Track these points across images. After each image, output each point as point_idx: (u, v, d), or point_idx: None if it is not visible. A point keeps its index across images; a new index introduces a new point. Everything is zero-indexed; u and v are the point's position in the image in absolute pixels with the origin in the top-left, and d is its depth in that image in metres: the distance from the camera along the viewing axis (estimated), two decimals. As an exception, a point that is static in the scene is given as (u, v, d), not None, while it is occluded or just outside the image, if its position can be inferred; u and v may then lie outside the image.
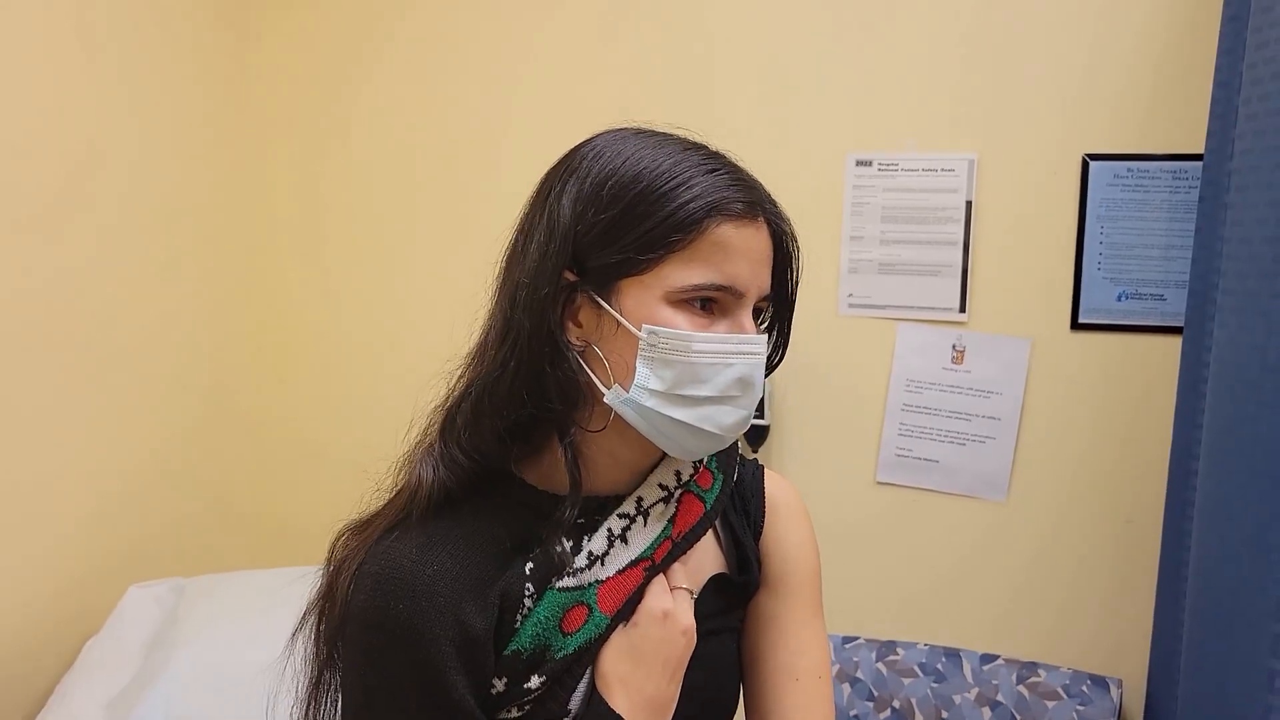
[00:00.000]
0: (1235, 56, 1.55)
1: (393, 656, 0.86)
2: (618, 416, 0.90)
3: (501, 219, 0.96)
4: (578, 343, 0.91)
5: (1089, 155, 1.83)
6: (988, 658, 1.90)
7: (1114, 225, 1.83)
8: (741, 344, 0.89)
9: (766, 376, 0.95)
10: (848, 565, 2.03)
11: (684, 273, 0.86)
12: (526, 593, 0.91)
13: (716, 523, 1.03)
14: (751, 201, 0.90)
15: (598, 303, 0.89)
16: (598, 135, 0.94)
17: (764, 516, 1.07)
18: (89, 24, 1.88)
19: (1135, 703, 1.86)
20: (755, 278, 0.90)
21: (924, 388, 1.95)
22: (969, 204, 1.90)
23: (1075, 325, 1.87)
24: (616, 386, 0.89)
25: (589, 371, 0.91)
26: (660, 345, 0.87)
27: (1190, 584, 1.55)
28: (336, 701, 0.96)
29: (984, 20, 1.87)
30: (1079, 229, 1.85)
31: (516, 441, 0.94)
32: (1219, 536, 1.45)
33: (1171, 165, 1.79)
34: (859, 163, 1.95)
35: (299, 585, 1.01)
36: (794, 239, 0.98)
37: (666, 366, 0.87)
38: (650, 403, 0.88)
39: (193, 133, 2.14)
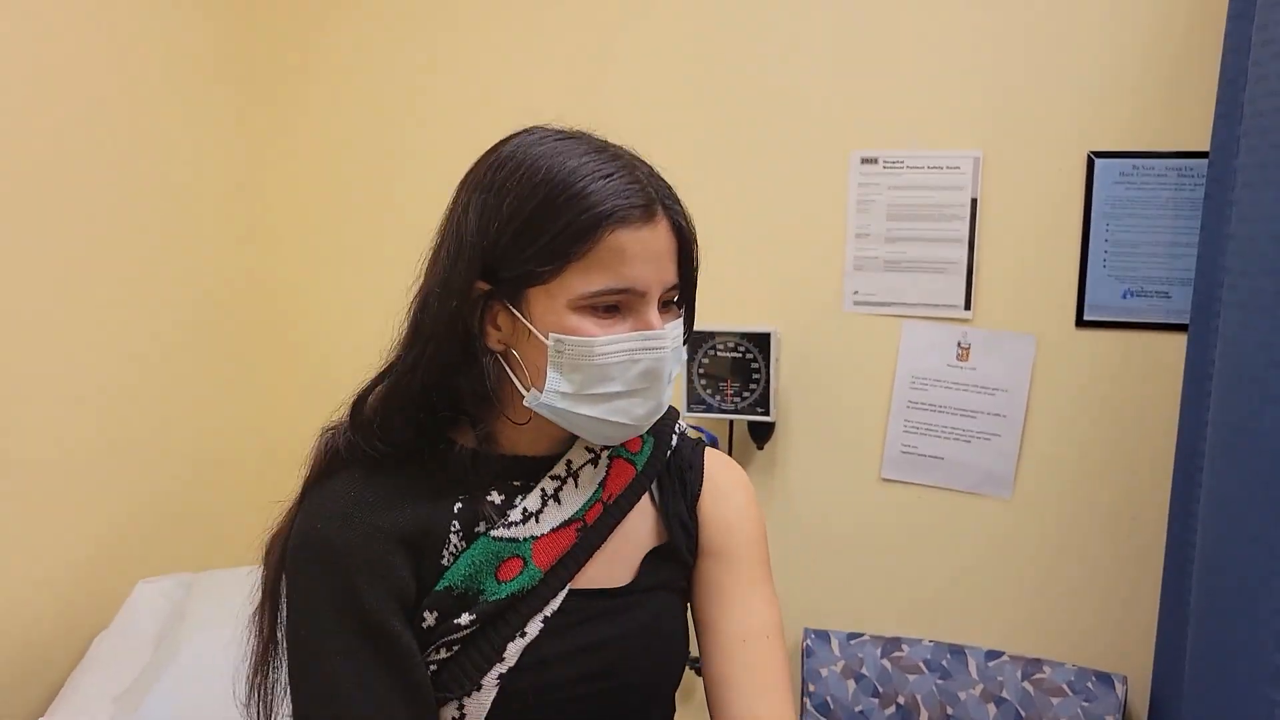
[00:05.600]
0: (1240, 54, 1.55)
1: (311, 572, 0.93)
2: None
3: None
4: (498, 346, 0.97)
5: (1094, 153, 1.83)
6: (993, 654, 1.90)
7: (1119, 223, 1.83)
8: (646, 340, 0.94)
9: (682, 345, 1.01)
10: (852, 562, 2.03)
11: (584, 280, 0.90)
12: (453, 529, 0.97)
13: (655, 493, 1.08)
14: (647, 204, 0.92)
15: (511, 310, 0.94)
16: (504, 143, 0.97)
17: (701, 486, 1.10)
18: (94, 31, 1.89)
19: (1140, 699, 1.86)
20: (657, 275, 0.94)
21: (929, 385, 1.96)
22: (974, 201, 1.90)
23: (1080, 322, 1.87)
24: (534, 389, 0.95)
25: (510, 374, 0.97)
26: (567, 352, 0.92)
27: (1195, 580, 1.55)
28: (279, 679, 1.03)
29: (988, 17, 1.87)
30: (1084, 226, 1.85)
31: (439, 425, 1.00)
32: (1224, 533, 1.45)
33: (1176, 163, 1.79)
34: (864, 160, 1.95)
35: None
36: (692, 231, 1.00)
37: (575, 370, 0.93)
38: (562, 404, 0.94)
39: (204, 138, 2.15)
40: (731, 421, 2.04)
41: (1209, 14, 1.73)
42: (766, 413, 1.97)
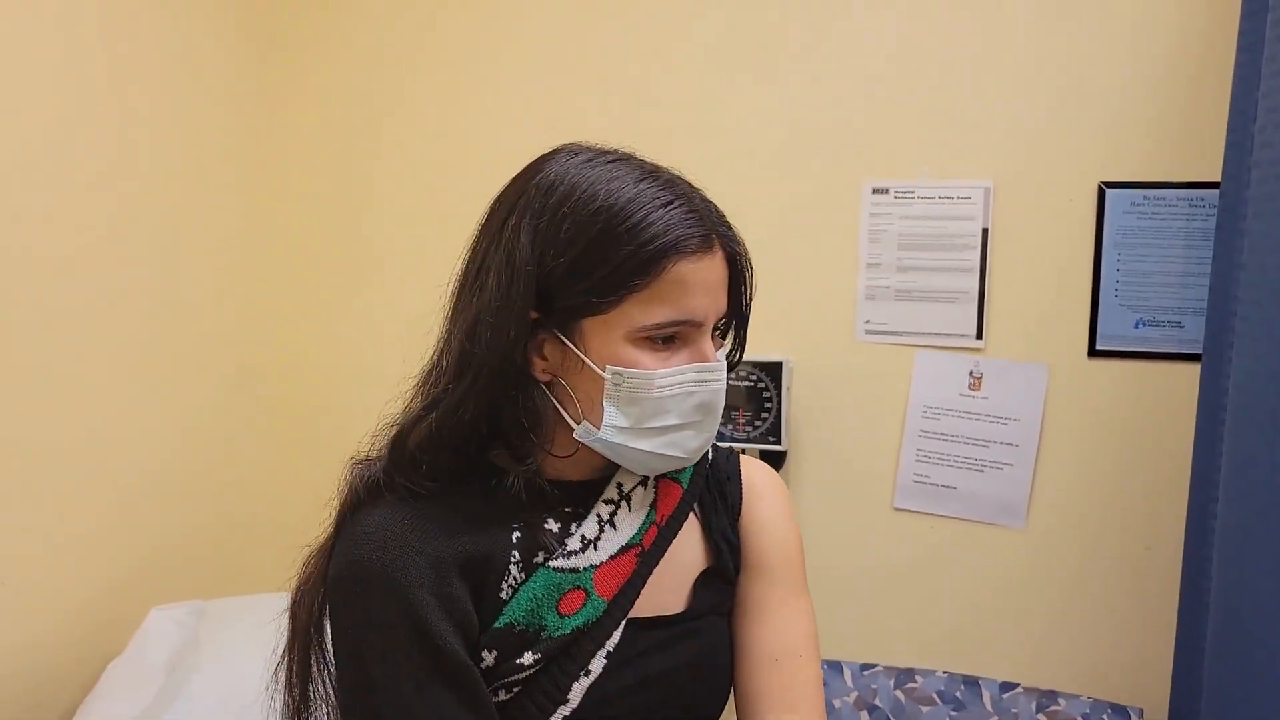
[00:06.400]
0: (1250, 85, 1.56)
1: (373, 606, 0.87)
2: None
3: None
4: (544, 376, 0.93)
5: (1105, 183, 1.84)
6: (1007, 686, 1.89)
7: (1131, 252, 1.84)
8: (702, 372, 0.92)
9: (729, 372, 0.98)
10: (865, 592, 2.02)
11: (644, 312, 0.88)
12: (512, 560, 0.92)
13: (698, 510, 1.05)
14: (705, 234, 0.90)
15: (562, 340, 0.91)
16: (547, 162, 0.93)
17: (742, 499, 1.08)
18: (113, 39, 1.92)
19: (1157, 732, 1.85)
20: (714, 305, 0.92)
21: (941, 414, 1.95)
22: (985, 231, 1.91)
23: (1092, 352, 1.87)
24: (586, 422, 0.92)
25: (557, 405, 0.94)
26: (625, 385, 0.89)
27: (1212, 612, 1.54)
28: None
29: (999, 48, 1.89)
30: (1096, 256, 1.85)
31: (483, 453, 0.96)
32: (1239, 564, 1.44)
33: (1188, 193, 1.80)
34: (875, 190, 1.96)
35: (282, 615, 1.02)
36: (747, 259, 0.99)
37: (632, 404, 0.90)
38: (618, 439, 0.91)
39: (214, 143, 2.18)
40: (743, 450, 2.03)
41: (1219, 45, 1.74)
42: (778, 442, 1.97)
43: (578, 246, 0.87)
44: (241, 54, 2.23)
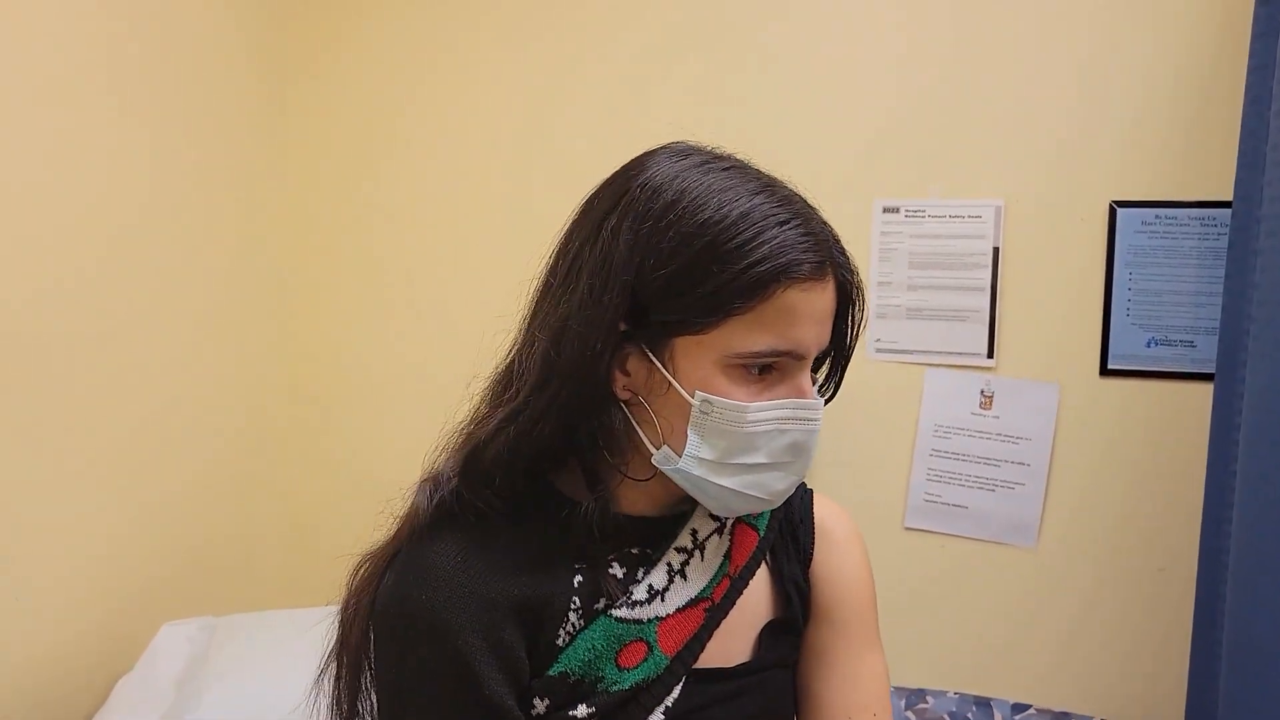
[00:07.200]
0: (1262, 104, 1.57)
1: (419, 648, 0.82)
2: None
3: (538, 244, 0.93)
4: (624, 394, 0.86)
5: (1116, 202, 1.84)
6: (1019, 707, 1.87)
7: (1142, 271, 1.83)
8: (798, 410, 0.84)
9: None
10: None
11: (745, 338, 0.80)
12: (572, 606, 0.86)
13: (768, 557, 0.99)
14: (821, 260, 0.83)
15: (649, 357, 0.84)
16: (655, 160, 0.87)
17: (814, 545, 1.01)
18: (125, 70, 1.93)
19: (1171, 755, 1.83)
20: (819, 337, 0.85)
21: (952, 433, 1.95)
22: (996, 250, 1.91)
23: (1104, 371, 1.86)
24: (666, 448, 0.85)
25: (636, 428, 0.87)
26: (714, 414, 0.82)
27: (1226, 632, 1.53)
28: None
29: (1010, 67, 1.89)
30: (1107, 275, 1.85)
31: (557, 470, 0.91)
32: (1253, 584, 1.43)
33: (1199, 212, 1.80)
34: (886, 209, 1.97)
35: (330, 624, 0.99)
36: (860, 289, 0.91)
37: (719, 436, 0.83)
38: (699, 471, 0.84)
39: (232, 164, 2.19)
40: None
41: (1230, 65, 1.74)
42: (789, 460, 1.96)
43: (680, 259, 0.80)
44: (263, 89, 2.26)
